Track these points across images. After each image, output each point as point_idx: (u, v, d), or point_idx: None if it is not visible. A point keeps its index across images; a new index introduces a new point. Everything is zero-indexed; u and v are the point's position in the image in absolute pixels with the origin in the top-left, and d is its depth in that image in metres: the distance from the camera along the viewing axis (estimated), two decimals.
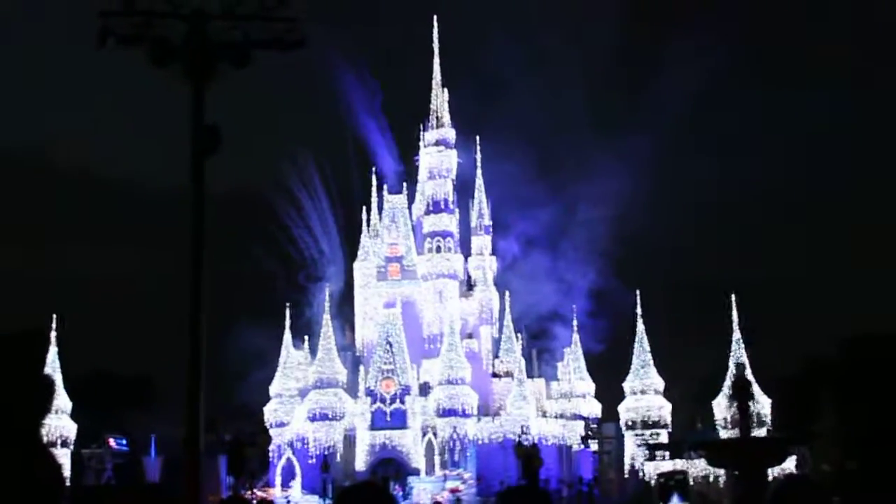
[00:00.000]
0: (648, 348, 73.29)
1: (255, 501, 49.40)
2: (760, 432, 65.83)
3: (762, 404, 68.34)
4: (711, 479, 61.79)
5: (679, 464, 63.04)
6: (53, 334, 71.63)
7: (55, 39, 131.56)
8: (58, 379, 70.75)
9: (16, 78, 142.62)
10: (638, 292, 74.24)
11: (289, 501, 65.73)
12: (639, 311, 73.90)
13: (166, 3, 12.28)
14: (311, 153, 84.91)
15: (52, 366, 70.82)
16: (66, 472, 68.44)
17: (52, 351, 71.49)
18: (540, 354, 78.89)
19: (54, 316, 71.74)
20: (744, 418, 42.46)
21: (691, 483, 60.47)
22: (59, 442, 69.83)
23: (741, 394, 44.05)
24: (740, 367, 63.51)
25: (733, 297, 70.62)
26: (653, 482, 65.14)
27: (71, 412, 71.20)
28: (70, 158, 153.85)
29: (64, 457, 69.89)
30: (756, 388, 68.69)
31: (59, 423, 70.20)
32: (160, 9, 12.26)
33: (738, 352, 69.55)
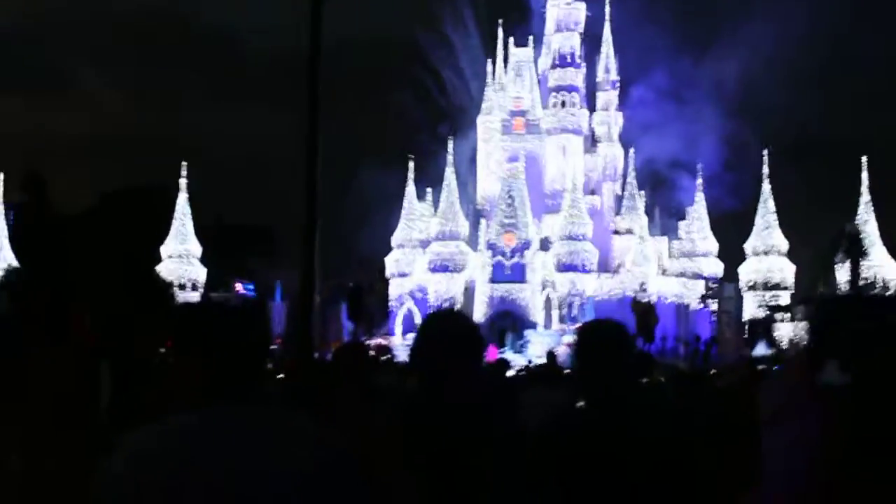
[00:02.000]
0: (773, 209, 72.04)
1: (373, 347, 50.57)
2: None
3: (888, 268, 67.09)
4: None
5: (800, 326, 62.57)
6: (184, 182, 73.55)
7: None
8: (188, 225, 72.91)
9: None
10: (766, 151, 72.75)
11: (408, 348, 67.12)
12: (765, 169, 72.52)
13: None
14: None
15: (182, 211, 72.93)
16: None
17: (183, 198, 73.52)
18: (663, 211, 78.33)
19: (184, 164, 73.58)
20: (854, 272, 41.72)
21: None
22: (189, 285, 72.23)
23: (853, 249, 43.28)
24: (853, 226, 62.29)
25: (864, 159, 68.89)
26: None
27: (200, 257, 73.41)
28: (202, 16, 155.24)
29: (193, 300, 72.19)
30: (881, 249, 67.46)
31: (190, 268, 72.56)
32: None
33: (867, 215, 68.11)
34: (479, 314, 68.73)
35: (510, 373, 18.07)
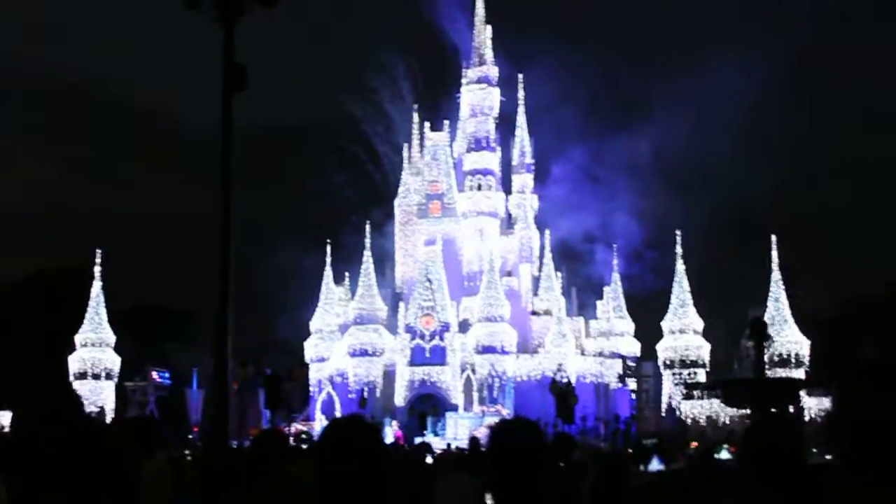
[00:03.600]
0: (688, 287, 73.08)
1: (292, 434, 50.00)
2: (798, 373, 65.96)
3: (800, 344, 68.27)
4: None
5: (715, 403, 63.23)
6: (98, 269, 72.57)
7: None
8: (102, 313, 71.82)
9: (66, 18, 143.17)
10: (678, 232, 73.93)
11: None
12: (679, 250, 73.58)
13: None
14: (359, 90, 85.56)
15: (97, 299, 71.92)
16: (111, 404, 69.75)
17: (97, 285, 72.50)
18: (580, 290, 79.04)
19: (98, 251, 72.68)
20: (758, 358, 42.60)
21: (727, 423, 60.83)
22: (103, 374, 71.01)
23: (757, 334, 44.21)
24: (756, 308, 63.43)
25: (773, 238, 70.30)
26: (689, 421, 65.52)
27: (115, 345, 72.25)
28: (112, 94, 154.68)
29: (108, 389, 71.16)
30: (794, 329, 68.68)
31: (104, 356, 71.34)
32: None
33: (777, 292, 69.34)
34: (400, 398, 68.47)
35: (431, 458, 17.92)
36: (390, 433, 59.32)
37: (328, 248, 75.11)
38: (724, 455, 39.09)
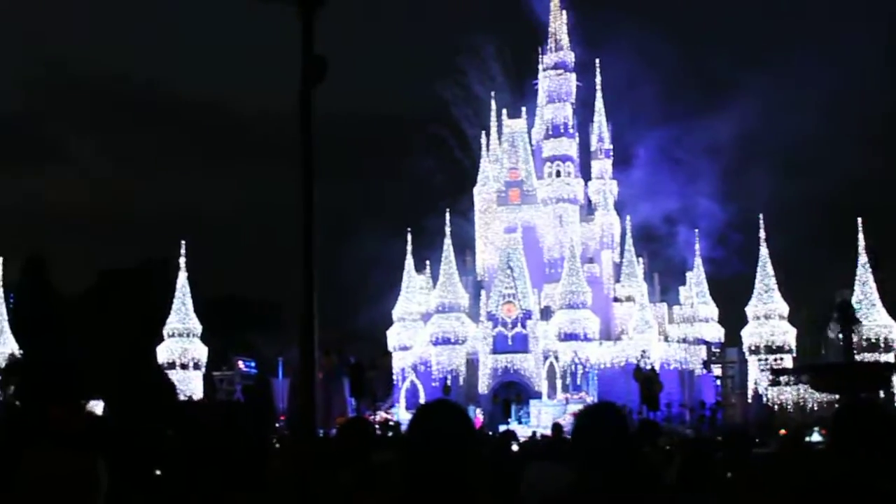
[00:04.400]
0: (772, 272, 72.06)
1: (377, 422, 50.33)
2: (888, 357, 64.79)
3: (890, 328, 67.06)
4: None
5: (802, 389, 62.41)
6: (183, 260, 73.62)
7: None
8: (188, 303, 72.85)
9: (133, 22, 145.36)
10: (761, 215, 72.98)
11: None
12: (762, 234, 72.69)
13: None
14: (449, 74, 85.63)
15: (183, 290, 72.96)
16: (199, 393, 70.76)
17: (183, 276, 73.56)
18: (662, 281, 78.42)
19: (182, 242, 73.75)
20: (847, 343, 41.96)
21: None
22: (191, 364, 72.06)
23: (845, 318, 43.56)
24: (844, 292, 62.34)
25: (859, 221, 69.14)
26: (776, 407, 64.73)
27: (202, 335, 73.24)
28: (194, 94, 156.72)
29: (196, 379, 72.22)
30: (882, 312, 67.45)
31: (191, 346, 72.37)
32: None
33: (865, 276, 68.15)
34: (483, 385, 68.53)
35: (517, 445, 17.92)
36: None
37: (409, 237, 75.45)
38: (816, 438, 38.60)
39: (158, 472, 5.23)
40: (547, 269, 75.26)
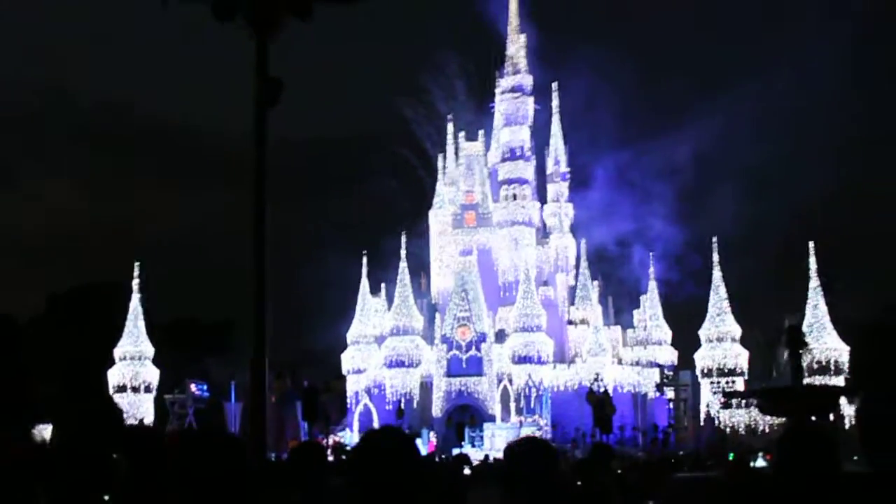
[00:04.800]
0: (725, 295, 72.58)
1: (330, 446, 50.13)
2: (838, 381, 65.36)
3: (840, 352, 67.69)
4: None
5: (754, 412, 62.76)
6: (136, 283, 73.03)
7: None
8: (140, 326, 72.24)
9: (93, 36, 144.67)
10: (715, 238, 73.51)
11: None
12: (715, 257, 73.18)
13: None
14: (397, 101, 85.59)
15: (135, 312, 72.35)
16: (150, 417, 70.10)
17: (136, 298, 72.96)
18: (616, 304, 78.76)
19: (136, 264, 73.15)
20: (796, 366, 42.35)
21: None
22: (142, 387, 71.39)
23: (794, 342, 43.92)
24: (793, 316, 62.89)
25: (811, 245, 69.83)
26: (728, 430, 65.12)
27: (153, 358, 72.60)
28: (146, 113, 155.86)
29: (148, 402, 71.56)
30: (833, 336, 68.11)
31: (143, 369, 71.72)
32: None
33: (816, 299, 68.79)
34: (437, 408, 68.45)
35: (469, 469, 17.90)
36: (426, 444, 59.40)
37: (364, 259, 75.33)
38: (761, 463, 38.87)
39: (107, 499, 5.17)
40: (502, 292, 75.44)
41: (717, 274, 73.06)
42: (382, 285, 75.81)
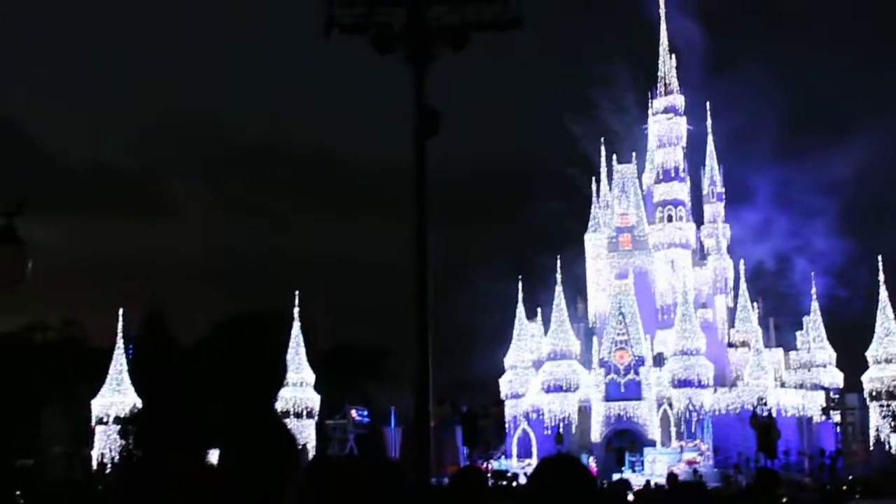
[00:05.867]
0: (892, 315, 70.27)
1: (488, 472, 50.18)
2: None
3: None
4: None
5: None
6: (297, 310, 74.47)
7: (279, 36, 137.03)
8: (301, 353, 73.63)
9: (248, 74, 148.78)
10: (880, 257, 71.35)
11: (525, 473, 66.39)
12: (881, 276, 71.00)
13: None
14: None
15: (296, 340, 73.77)
16: (312, 442, 71.30)
17: (296, 326, 74.43)
18: (778, 325, 77.03)
19: (297, 293, 74.61)
20: None
21: None
22: (304, 413, 72.62)
23: None
24: None
25: None
26: None
27: (315, 384, 73.85)
28: (304, 144, 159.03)
29: (309, 427, 72.77)
30: None
31: (304, 395, 72.98)
32: None
33: None
34: (596, 433, 67.94)
35: (632, 494, 17.76)
36: None
37: (520, 283, 75.38)
38: None
39: None
40: (660, 315, 74.59)
41: (883, 293, 70.87)
42: (538, 309, 75.66)
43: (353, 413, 73.16)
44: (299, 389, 73.11)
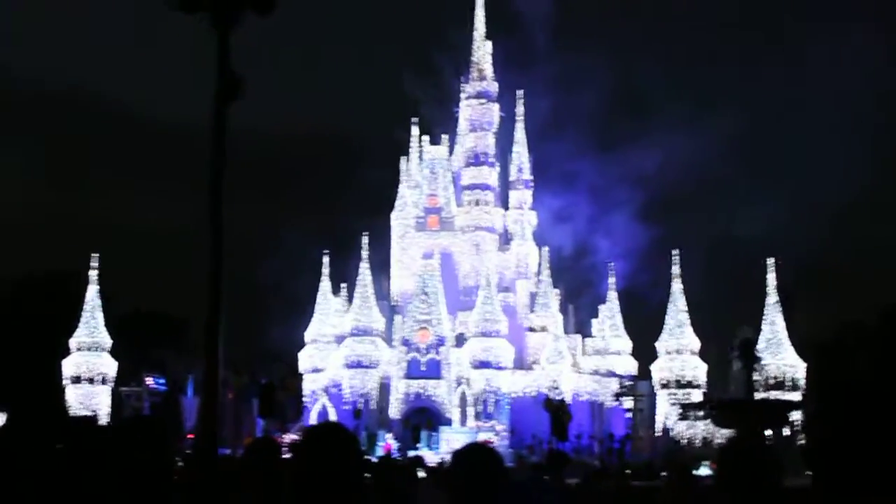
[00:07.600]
0: (684, 308, 72.96)
1: (286, 444, 49.87)
2: (794, 396, 65.89)
3: (796, 368, 68.20)
4: None
5: (710, 424, 63.17)
6: (95, 273, 72.44)
7: None
8: (98, 317, 71.67)
9: (53, 23, 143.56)
10: (676, 251, 73.89)
11: None
12: (676, 269, 73.53)
13: None
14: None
15: (92, 303, 71.77)
16: (105, 409, 69.59)
17: (93, 289, 72.38)
18: (577, 311, 78.92)
19: (94, 255, 72.55)
20: (748, 379, 42.78)
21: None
22: (99, 379, 70.85)
23: (745, 355, 44.36)
24: (746, 329, 63.31)
25: (770, 261, 70.31)
26: (684, 441, 65.45)
27: (111, 350, 72.06)
28: (106, 100, 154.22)
29: (103, 394, 71.03)
30: (790, 352, 68.62)
31: (100, 361, 71.17)
32: None
33: (773, 315, 69.27)
34: (395, 410, 68.34)
35: (424, 472, 17.86)
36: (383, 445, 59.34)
37: (325, 259, 75.20)
38: (704, 471, 39.07)
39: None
40: (462, 297, 75.41)
41: (676, 286, 73.43)
42: (343, 285, 75.59)
43: (150, 380, 71.60)
44: (94, 354, 71.23)
